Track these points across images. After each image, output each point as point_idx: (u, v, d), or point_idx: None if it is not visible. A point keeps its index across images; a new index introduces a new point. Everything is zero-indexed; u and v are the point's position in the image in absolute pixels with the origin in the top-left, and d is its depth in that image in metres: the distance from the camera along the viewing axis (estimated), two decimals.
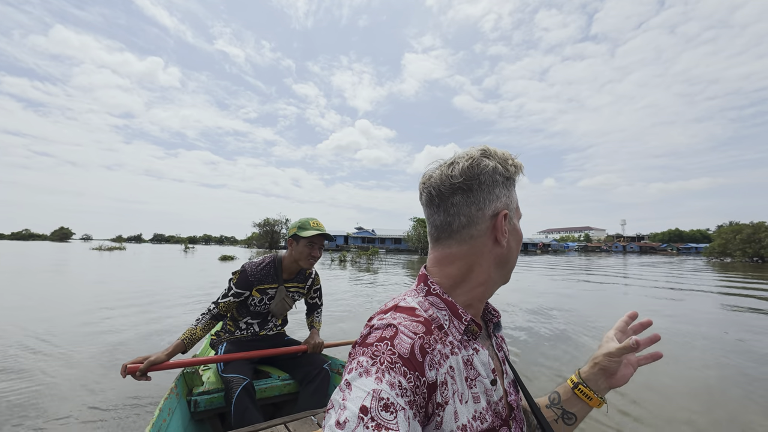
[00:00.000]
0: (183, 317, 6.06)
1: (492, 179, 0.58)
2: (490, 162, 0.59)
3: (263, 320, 2.04)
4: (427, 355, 0.50)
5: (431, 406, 0.49)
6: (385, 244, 72.46)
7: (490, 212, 0.58)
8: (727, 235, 42.70)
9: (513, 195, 0.62)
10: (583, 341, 4.96)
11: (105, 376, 3.48)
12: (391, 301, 0.60)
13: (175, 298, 8.03)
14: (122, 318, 5.93)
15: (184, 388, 1.79)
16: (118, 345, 4.45)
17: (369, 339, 0.51)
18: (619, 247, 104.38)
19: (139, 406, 2.86)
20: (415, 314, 0.55)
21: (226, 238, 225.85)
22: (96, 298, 7.79)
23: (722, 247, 42.77)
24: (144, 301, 7.47)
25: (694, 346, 4.74)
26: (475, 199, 0.58)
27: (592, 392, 0.68)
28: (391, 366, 0.46)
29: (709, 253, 45.24)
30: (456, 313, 0.57)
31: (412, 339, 0.50)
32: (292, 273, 2.05)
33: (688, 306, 7.92)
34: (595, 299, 8.97)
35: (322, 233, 1.92)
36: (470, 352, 0.57)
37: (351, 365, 0.49)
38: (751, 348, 4.69)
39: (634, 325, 0.73)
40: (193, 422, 1.74)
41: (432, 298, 0.59)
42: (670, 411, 2.93)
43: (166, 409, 1.52)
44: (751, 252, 38.75)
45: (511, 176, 0.61)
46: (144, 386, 3.14)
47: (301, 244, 1.92)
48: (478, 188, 0.58)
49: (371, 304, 7.70)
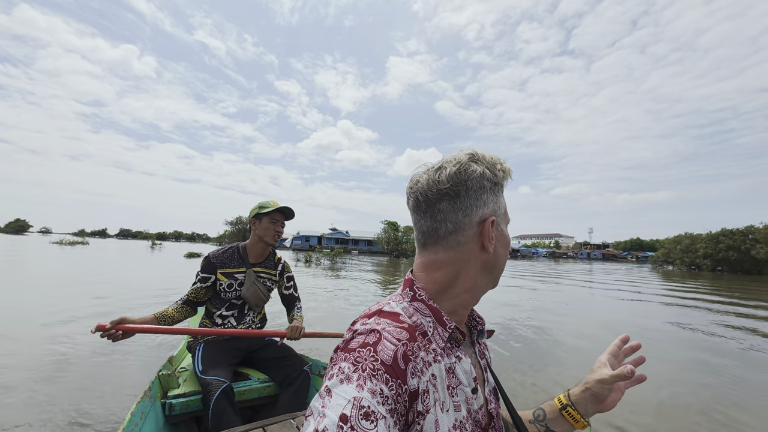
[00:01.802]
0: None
1: (479, 185, 0.58)
2: (478, 167, 0.58)
3: (239, 313, 2.00)
4: (410, 362, 0.49)
5: (411, 414, 0.48)
6: (358, 246, 73.20)
7: (477, 218, 0.58)
8: (670, 245, 46.66)
9: (501, 200, 0.61)
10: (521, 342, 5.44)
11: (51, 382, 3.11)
12: (375, 305, 0.60)
13: (124, 300, 7.04)
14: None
15: (158, 391, 1.72)
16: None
17: (351, 344, 0.50)
18: (584, 253, 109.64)
19: (113, 412, 2.64)
20: (399, 320, 0.54)
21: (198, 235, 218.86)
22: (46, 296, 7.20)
23: (665, 256, 46.72)
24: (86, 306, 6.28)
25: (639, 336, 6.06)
26: (462, 205, 0.57)
27: (580, 415, 0.68)
28: (373, 373, 0.45)
29: (654, 261, 49.18)
30: (440, 320, 0.57)
31: (396, 346, 0.49)
32: (259, 257, 2.07)
33: (632, 307, 9.38)
34: (535, 303, 9.04)
35: (281, 208, 2.00)
36: (453, 360, 0.56)
37: (332, 371, 0.47)
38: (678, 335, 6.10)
39: (625, 349, 0.72)
40: (168, 426, 1.67)
41: (417, 303, 0.58)
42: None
43: (139, 412, 1.45)
44: (688, 261, 42.62)
45: (499, 181, 0.60)
46: (116, 389, 2.97)
47: (263, 221, 1.98)
48: (465, 194, 0.57)
49: (306, 301, 7.83)
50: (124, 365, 3.59)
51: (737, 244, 37.61)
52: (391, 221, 55.97)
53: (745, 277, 29.98)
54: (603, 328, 6.50)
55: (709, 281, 21.31)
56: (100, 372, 3.32)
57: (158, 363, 3.23)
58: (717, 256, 39.04)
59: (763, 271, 35.57)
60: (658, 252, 49.88)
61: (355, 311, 6.93)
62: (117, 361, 3.70)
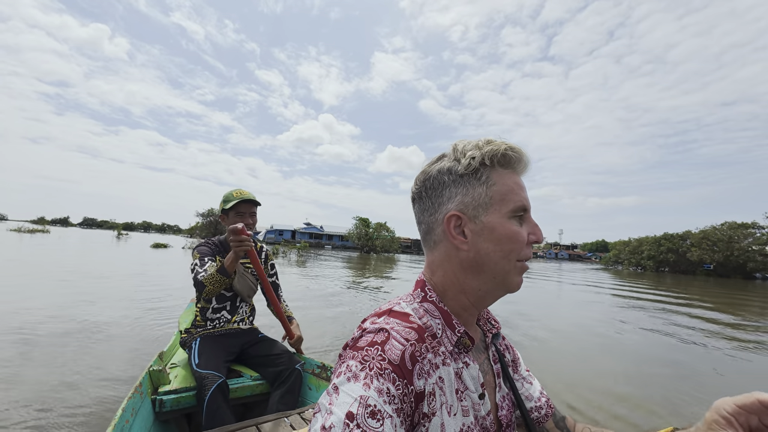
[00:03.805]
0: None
1: (438, 182, 0.57)
2: (442, 162, 0.58)
3: (232, 306, 2.00)
4: (417, 363, 0.49)
5: (417, 415, 0.48)
6: (332, 241, 73.97)
7: (441, 216, 0.57)
8: (620, 247, 50.49)
9: (477, 190, 0.55)
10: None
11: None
12: (386, 304, 0.59)
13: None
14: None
15: (149, 387, 1.69)
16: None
17: (360, 342, 0.50)
18: (552, 254, 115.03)
19: (104, 402, 2.61)
20: (409, 320, 0.54)
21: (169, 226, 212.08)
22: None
23: (615, 257, 50.50)
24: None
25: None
26: (425, 206, 0.59)
27: None
28: (380, 372, 0.45)
29: (606, 261, 53.01)
30: (450, 324, 0.56)
31: (404, 346, 0.49)
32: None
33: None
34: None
35: (244, 199, 1.93)
36: (460, 365, 0.56)
37: (340, 369, 0.48)
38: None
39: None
40: (158, 423, 1.65)
41: (427, 305, 0.58)
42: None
43: (129, 408, 1.42)
44: (634, 262, 46.38)
45: (465, 172, 0.56)
46: (105, 385, 2.88)
47: (231, 216, 1.94)
48: (426, 195, 0.58)
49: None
50: (113, 360, 3.46)
51: (676, 247, 41.39)
52: (362, 217, 57.24)
53: (682, 276, 33.18)
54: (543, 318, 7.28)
55: (633, 278, 23.60)
56: (88, 367, 3.25)
57: (148, 358, 3.18)
58: (659, 258, 42.79)
59: (697, 271, 39.44)
60: (609, 253, 53.82)
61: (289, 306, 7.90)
62: (105, 356, 3.55)
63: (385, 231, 57.31)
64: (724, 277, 35.14)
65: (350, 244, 60.74)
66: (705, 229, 39.45)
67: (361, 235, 55.69)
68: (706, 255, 36.91)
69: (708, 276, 35.91)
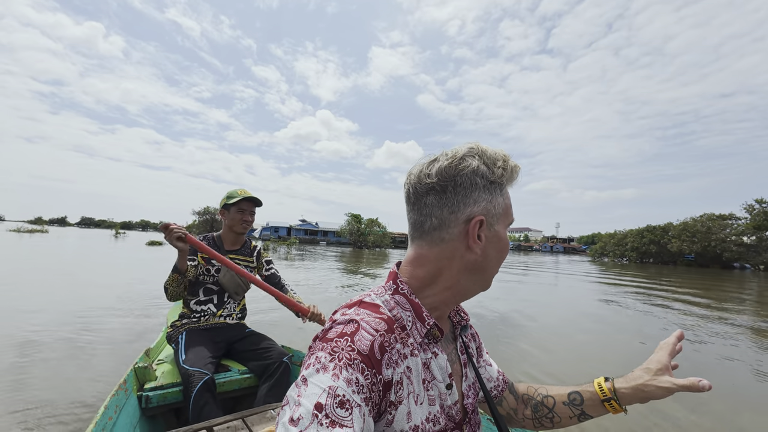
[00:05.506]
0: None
1: (470, 182, 0.56)
2: (473, 162, 0.56)
3: (219, 301, 2.02)
4: (386, 353, 0.50)
5: (384, 403, 0.50)
6: (327, 237, 75.09)
7: (464, 216, 0.56)
8: (606, 240, 51.79)
9: (497, 199, 0.58)
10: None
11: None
12: (356, 296, 0.60)
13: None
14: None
15: (134, 384, 1.67)
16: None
17: (329, 334, 0.51)
18: (547, 247, 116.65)
19: (85, 405, 2.54)
20: (379, 312, 0.55)
21: None
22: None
23: (601, 249, 51.81)
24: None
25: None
26: (447, 201, 0.56)
27: (620, 406, 0.67)
28: (349, 362, 0.46)
29: (593, 253, 54.30)
30: (420, 316, 0.57)
31: (373, 336, 0.50)
32: (233, 244, 2.09)
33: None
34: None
35: (248, 197, 2.02)
36: (429, 356, 0.57)
37: (309, 360, 0.49)
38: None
39: (679, 347, 0.69)
40: (144, 418, 1.63)
41: (398, 297, 0.58)
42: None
43: (113, 405, 1.41)
44: (618, 254, 47.70)
45: (496, 179, 0.58)
46: (89, 383, 2.88)
47: (232, 211, 2.01)
48: (453, 190, 0.56)
49: None
50: (97, 358, 3.45)
51: (657, 239, 42.66)
52: (354, 213, 58.16)
53: (664, 267, 34.19)
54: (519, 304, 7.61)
55: (611, 268, 24.60)
56: (72, 365, 3.23)
57: (134, 356, 3.03)
58: (641, 249, 44.07)
59: (678, 262, 40.78)
60: (596, 245, 55.12)
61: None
62: (89, 353, 3.54)
63: (376, 227, 58.44)
64: (704, 267, 36.29)
65: (345, 240, 61.86)
66: (685, 221, 40.67)
67: (353, 231, 56.68)
68: (685, 246, 38.14)
69: (689, 266, 37.03)
